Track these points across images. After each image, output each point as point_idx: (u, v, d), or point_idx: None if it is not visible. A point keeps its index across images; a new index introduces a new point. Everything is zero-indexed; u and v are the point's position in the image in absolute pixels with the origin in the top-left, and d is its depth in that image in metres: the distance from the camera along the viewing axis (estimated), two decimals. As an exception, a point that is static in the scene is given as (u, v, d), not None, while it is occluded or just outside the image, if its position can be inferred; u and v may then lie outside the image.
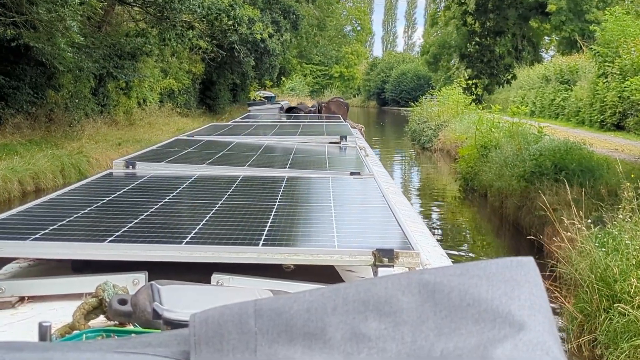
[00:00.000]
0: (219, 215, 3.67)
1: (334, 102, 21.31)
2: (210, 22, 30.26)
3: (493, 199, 18.22)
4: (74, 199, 4.07)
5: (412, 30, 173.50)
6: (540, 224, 13.62)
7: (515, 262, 1.13)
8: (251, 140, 8.93)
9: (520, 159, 17.60)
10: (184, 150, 7.14)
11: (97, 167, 23.62)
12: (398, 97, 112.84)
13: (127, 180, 4.98)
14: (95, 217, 3.55)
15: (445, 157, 33.28)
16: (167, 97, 42.75)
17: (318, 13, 66.14)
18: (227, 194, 4.42)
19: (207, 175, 5.40)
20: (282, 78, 65.59)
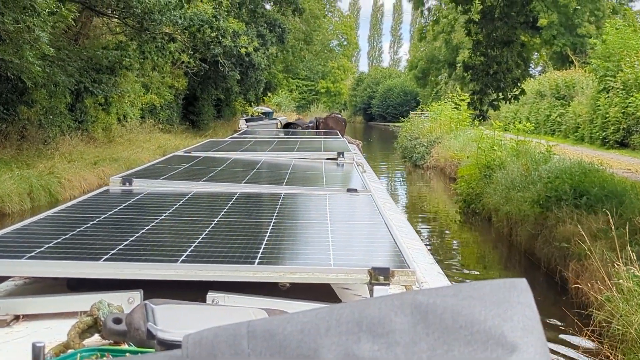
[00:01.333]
0: (215, 232, 3.67)
1: (332, 118, 21.70)
2: (193, 34, 28.63)
3: (500, 225, 16.66)
4: (70, 217, 4.06)
5: (398, 45, 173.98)
6: (561, 256, 12.09)
7: (509, 284, 1.16)
8: (249, 156, 8.98)
9: (529, 180, 16.11)
10: (181, 167, 7.18)
11: (69, 189, 22.08)
12: (385, 112, 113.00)
13: (123, 198, 4.98)
14: (91, 235, 3.54)
15: (439, 175, 31.83)
16: (148, 113, 41.50)
17: (305, 27, 64.77)
18: (223, 211, 4.42)
19: (204, 192, 5.43)
20: (268, 93, 64.12)
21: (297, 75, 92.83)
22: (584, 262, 10.59)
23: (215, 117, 55.27)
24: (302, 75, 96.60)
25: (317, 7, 68.74)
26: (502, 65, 15.30)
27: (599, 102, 31.09)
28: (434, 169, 33.26)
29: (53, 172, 21.99)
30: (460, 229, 19.95)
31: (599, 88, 31.92)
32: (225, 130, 52.87)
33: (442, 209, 23.92)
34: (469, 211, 20.04)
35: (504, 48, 15.26)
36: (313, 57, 79.01)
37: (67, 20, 23.00)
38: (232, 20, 38.20)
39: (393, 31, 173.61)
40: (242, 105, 61.95)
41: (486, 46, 15.35)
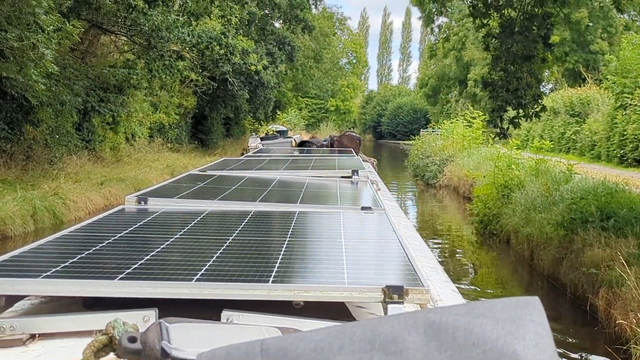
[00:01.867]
0: (229, 251, 3.69)
1: (347, 136, 21.67)
2: (201, 52, 28.03)
3: (520, 247, 15.98)
4: (85, 236, 4.09)
5: (407, 63, 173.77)
6: (589, 283, 11.41)
7: (521, 302, 1.17)
8: (263, 175, 8.91)
9: (550, 201, 15.46)
10: (196, 186, 7.08)
11: (74, 211, 21.53)
12: (394, 130, 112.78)
13: (138, 216, 4.98)
14: (106, 254, 3.56)
15: (452, 194, 31.18)
16: (157, 132, 41.27)
17: (314, 45, 64.37)
18: (238, 230, 4.42)
19: (219, 211, 5.39)
20: (278, 111, 63.68)
21: (307, 94, 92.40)
22: (616, 290, 9.93)
23: (225, 136, 54.96)
24: (312, 93, 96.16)
25: (326, 25, 68.35)
26: (522, 81, 14.68)
27: (616, 119, 30.37)
28: (447, 188, 32.62)
29: (58, 193, 21.43)
30: (477, 251, 19.28)
31: (616, 105, 31.21)
32: (235, 149, 52.45)
33: (457, 229, 23.25)
34: (486, 232, 19.38)
35: (524, 63, 14.64)
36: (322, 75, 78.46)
37: (72, 37, 22.48)
38: (241, 38, 37.76)
39: (402, 49, 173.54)
40: (251, 123, 61.63)
41: (505, 61, 14.73)
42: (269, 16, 47.86)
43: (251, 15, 42.87)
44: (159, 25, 24.77)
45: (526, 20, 14.23)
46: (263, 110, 53.03)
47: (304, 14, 51.65)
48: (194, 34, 26.13)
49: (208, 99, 44.55)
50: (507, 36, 14.41)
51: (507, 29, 14.44)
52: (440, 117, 78.23)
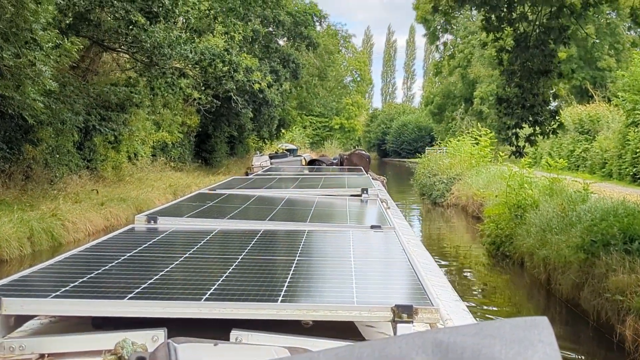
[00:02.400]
0: (238, 270, 3.71)
1: (356, 154, 21.87)
2: (204, 69, 27.45)
3: (536, 271, 15.31)
4: (95, 255, 4.14)
5: (412, 81, 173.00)
6: (614, 310, 10.76)
7: (529, 322, 1.17)
8: (272, 193, 8.95)
9: (567, 222, 14.81)
10: (206, 205, 7.14)
11: (73, 232, 20.94)
12: (399, 148, 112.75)
13: (148, 236, 5.02)
14: (116, 273, 3.58)
15: (460, 213, 30.53)
16: (160, 151, 40.79)
17: (318, 62, 63.85)
18: (247, 249, 4.45)
19: (228, 230, 5.42)
20: (282, 130, 63.14)
21: (311, 112, 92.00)
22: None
23: (229, 155, 54.49)
24: (316, 111, 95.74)
25: (331, 43, 67.82)
26: (538, 97, 14.07)
27: (628, 136, 29.69)
28: (455, 207, 31.99)
29: (56, 214, 20.82)
30: (489, 273, 18.61)
31: (627, 122, 30.56)
32: (239, 168, 52.00)
33: (467, 249, 22.57)
34: (498, 254, 18.73)
35: (540, 78, 14.03)
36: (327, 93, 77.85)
37: (71, 54, 21.94)
38: (245, 56, 37.27)
39: (406, 67, 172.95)
40: (255, 142, 61.15)
41: (521, 77, 14.10)
42: (273, 33, 47.39)
43: (255, 33, 42.43)
44: (161, 41, 24.22)
45: (542, 34, 13.63)
46: (267, 128, 52.57)
47: (308, 31, 51.26)
48: (196, 51, 25.55)
49: (212, 118, 44.09)
50: (522, 50, 13.80)
51: (522, 43, 13.83)
52: (445, 135, 77.79)
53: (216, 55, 26.94)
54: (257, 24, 42.98)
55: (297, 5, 53.97)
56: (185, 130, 43.50)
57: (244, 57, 36.23)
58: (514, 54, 14.12)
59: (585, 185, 16.87)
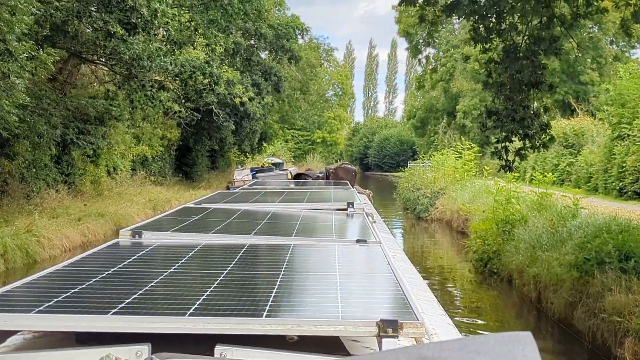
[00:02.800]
0: (223, 285, 3.67)
1: (342, 168, 21.87)
2: (184, 81, 26.88)
3: (526, 288, 14.83)
4: (79, 270, 4.08)
5: (393, 95, 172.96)
6: (611, 331, 10.31)
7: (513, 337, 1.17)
8: (258, 207, 8.88)
9: (557, 238, 14.38)
10: (191, 219, 7.08)
11: (49, 249, 20.35)
12: (381, 162, 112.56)
13: (132, 250, 4.97)
14: (99, 289, 3.54)
15: (444, 228, 30.10)
16: (140, 165, 40.44)
17: (300, 76, 63.47)
18: (232, 263, 4.40)
19: (213, 244, 5.38)
20: (264, 143, 62.66)
21: (293, 125, 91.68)
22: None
23: (210, 169, 54.15)
24: (298, 125, 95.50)
25: (313, 56, 67.47)
26: (528, 109, 13.65)
27: (614, 150, 29.33)
28: (439, 222, 31.57)
29: (31, 229, 20.22)
30: (476, 291, 18.13)
31: (613, 136, 30.22)
32: (220, 182, 51.59)
33: (453, 266, 22.10)
34: (485, 270, 18.26)
35: (530, 90, 13.61)
36: (309, 107, 77.54)
37: (47, 65, 21.37)
38: (226, 69, 36.77)
39: (388, 81, 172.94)
40: (237, 156, 60.69)
41: (511, 89, 13.68)
42: (254, 46, 46.91)
43: (236, 45, 41.99)
44: (140, 53, 23.70)
45: (532, 45, 13.21)
46: (249, 142, 52.15)
47: (290, 44, 50.87)
48: (176, 63, 25.01)
49: (192, 131, 43.68)
50: (512, 61, 13.38)
51: (511, 54, 13.41)
52: (427, 148, 77.51)
53: (197, 67, 26.36)
54: (238, 36, 42.52)
55: (279, 18, 53.65)
56: (165, 143, 43.09)
57: (226, 70, 35.78)
58: (503, 65, 13.70)
59: (575, 200, 16.46)
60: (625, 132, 28.66)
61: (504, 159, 14.63)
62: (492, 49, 14.02)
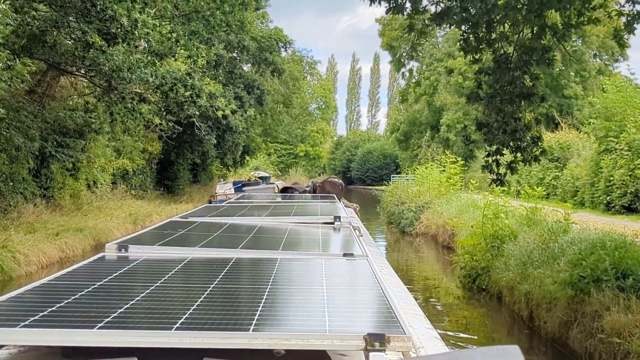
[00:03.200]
0: (210, 299, 3.69)
1: (329, 182, 22.10)
2: (165, 94, 26.32)
3: (517, 306, 14.37)
4: (65, 284, 4.05)
5: (376, 109, 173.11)
6: (610, 352, 9.87)
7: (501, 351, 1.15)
8: (245, 221, 8.84)
9: (549, 254, 13.96)
10: (177, 233, 7.07)
11: (25, 265, 19.78)
12: (364, 175, 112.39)
13: (119, 264, 4.98)
14: (86, 303, 3.52)
15: (430, 242, 29.66)
16: (120, 179, 39.89)
17: (283, 89, 63.03)
18: (219, 277, 4.40)
19: (200, 258, 5.38)
20: (246, 157, 62.11)
21: (276, 139, 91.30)
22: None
23: (191, 182, 53.71)
24: (281, 138, 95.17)
25: (296, 69, 67.03)
26: (520, 121, 13.23)
27: (601, 164, 28.96)
28: (424, 236, 31.13)
29: (7, 245, 19.63)
30: (464, 308, 17.64)
31: (600, 149, 29.88)
32: (202, 196, 51.09)
33: (440, 281, 21.62)
34: (473, 287, 17.82)
35: (522, 102, 13.20)
36: (292, 120, 77.12)
37: (24, 76, 20.81)
38: (208, 81, 36.26)
39: (371, 95, 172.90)
40: (219, 169, 60.14)
41: (502, 100, 13.26)
42: (237, 59, 46.46)
43: (219, 58, 41.54)
44: (120, 65, 23.17)
45: (524, 55, 12.80)
46: (231, 155, 51.62)
47: (273, 56, 50.44)
48: (157, 75, 24.46)
49: (174, 144, 43.16)
50: (503, 72, 12.96)
51: (502, 65, 12.99)
52: (411, 162, 77.21)
53: (178, 79, 25.79)
54: (221, 48, 42.05)
55: (262, 31, 53.21)
56: (146, 157, 42.59)
57: (208, 83, 35.28)
58: (494, 76, 13.27)
59: (566, 215, 16.03)
60: (612, 146, 28.32)
61: (495, 173, 14.18)
62: (483, 60, 13.61)
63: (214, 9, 27.89)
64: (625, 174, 26.61)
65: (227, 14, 28.98)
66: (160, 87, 25.26)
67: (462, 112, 64.12)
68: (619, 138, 27.83)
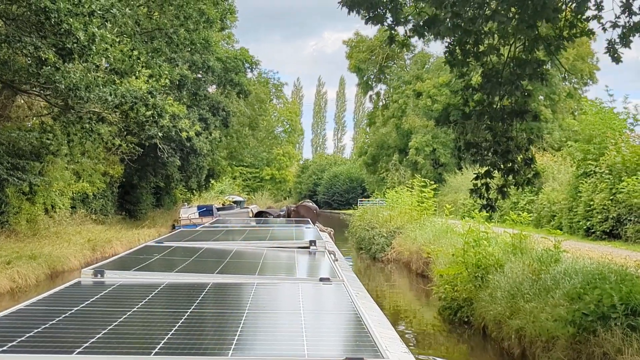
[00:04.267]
0: (188, 324, 3.69)
1: (303, 206, 22.07)
2: (125, 113, 24.91)
3: (507, 343, 13.15)
4: (42, 310, 4.04)
5: (342, 132, 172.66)
6: (626, 402, 8.69)
7: None
8: (221, 246, 8.76)
9: (541, 286, 12.81)
10: (153, 257, 7.02)
11: (-30, 297, 18.31)
12: (331, 199, 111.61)
13: (95, 290, 4.97)
14: (63, 328, 3.52)
15: (402, 270, 28.45)
16: (80, 203, 38.42)
17: (249, 111, 61.76)
18: (196, 302, 4.43)
19: (176, 283, 5.35)
20: (211, 180, 60.73)
21: (242, 162, 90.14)
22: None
23: (155, 206, 52.45)
24: (247, 161, 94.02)
25: (262, 91, 65.76)
26: (512, 141, 12.08)
27: (580, 187, 27.91)
28: (396, 263, 29.92)
29: (-50, 276, 18.21)
30: (445, 343, 16.33)
31: (578, 173, 28.86)
32: (165, 220, 49.87)
33: (415, 312, 20.36)
34: (455, 319, 16.59)
35: (514, 120, 12.06)
36: (258, 143, 75.85)
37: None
38: (172, 102, 34.95)
39: (337, 119, 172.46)
40: (183, 193, 58.92)
41: (492, 118, 12.10)
42: (202, 80, 45.13)
43: (183, 78, 40.28)
44: (77, 83, 21.79)
45: (516, 67, 11.67)
46: (196, 178, 50.31)
47: (239, 77, 49.19)
48: (117, 94, 23.09)
49: (137, 167, 41.87)
50: (494, 87, 11.82)
51: (492, 79, 11.85)
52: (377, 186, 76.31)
53: (138, 98, 24.36)
54: (185, 69, 40.79)
55: (228, 51, 51.98)
56: (107, 180, 41.24)
57: (172, 104, 33.99)
58: (483, 91, 12.12)
59: (557, 243, 14.89)
60: (592, 169, 27.32)
61: (485, 197, 12.96)
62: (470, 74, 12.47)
63: (177, 27, 26.60)
64: (607, 198, 25.59)
65: (191, 31, 27.69)
66: (120, 106, 23.88)
67: (430, 135, 63.31)
68: (599, 161, 26.84)
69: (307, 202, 25.55)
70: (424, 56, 72.11)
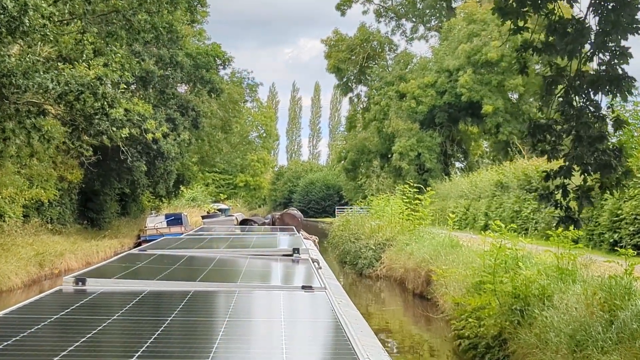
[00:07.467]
0: (169, 332, 3.66)
1: (288, 214, 22.51)
2: (70, 104, 20.97)
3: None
4: (21, 318, 4.00)
5: (317, 139, 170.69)
6: None
7: None
8: (204, 253, 8.61)
9: (618, 329, 9.19)
10: (135, 265, 6.98)
11: None
12: (307, 207, 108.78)
13: (76, 298, 4.90)
14: (43, 336, 3.48)
15: (395, 288, 24.82)
16: (34, 211, 34.75)
17: (222, 113, 57.97)
18: (177, 310, 4.38)
19: (158, 291, 5.34)
20: (181, 187, 56.97)
21: (214, 168, 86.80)
22: None
23: (120, 215, 48.99)
24: (220, 168, 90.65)
25: (236, 92, 61.91)
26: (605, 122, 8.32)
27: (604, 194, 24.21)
28: (387, 280, 26.34)
29: None
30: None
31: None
32: (131, 230, 46.64)
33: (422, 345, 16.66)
34: (482, 362, 12.91)
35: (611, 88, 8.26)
36: (231, 148, 72.15)
37: None
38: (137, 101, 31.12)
39: (312, 125, 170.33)
40: (151, 200, 55.66)
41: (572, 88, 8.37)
42: (170, 77, 41.29)
43: (149, 74, 36.49)
44: (13, 69, 17.99)
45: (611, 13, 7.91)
46: (164, 184, 46.59)
47: (210, 74, 45.34)
48: (59, 81, 19.20)
49: (99, 172, 38.21)
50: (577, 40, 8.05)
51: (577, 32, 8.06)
52: (356, 193, 73.05)
53: (85, 86, 20.28)
54: (151, 64, 37.01)
55: (198, 47, 48.18)
56: (65, 186, 37.33)
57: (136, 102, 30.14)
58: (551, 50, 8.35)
59: (630, 267, 11.17)
60: (616, 173, 23.72)
61: (560, 206, 9.07)
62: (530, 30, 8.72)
63: (136, 7, 22.77)
64: (638, 206, 21.85)
65: (152, 13, 23.87)
66: (65, 96, 19.89)
67: (415, 138, 59.79)
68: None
69: (291, 210, 25.42)
70: (407, 56, 68.66)
